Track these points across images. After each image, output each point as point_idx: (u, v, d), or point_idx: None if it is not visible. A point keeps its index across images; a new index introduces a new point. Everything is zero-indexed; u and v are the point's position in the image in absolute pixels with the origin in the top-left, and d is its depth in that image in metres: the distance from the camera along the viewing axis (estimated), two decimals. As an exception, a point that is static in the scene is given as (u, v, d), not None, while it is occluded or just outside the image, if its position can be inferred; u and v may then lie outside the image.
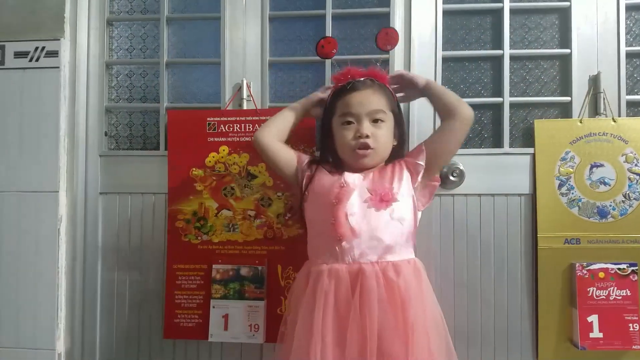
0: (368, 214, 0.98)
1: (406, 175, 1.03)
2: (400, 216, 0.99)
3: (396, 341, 0.92)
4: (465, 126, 1.02)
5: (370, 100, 1.01)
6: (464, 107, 1.01)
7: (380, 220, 0.98)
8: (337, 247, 0.97)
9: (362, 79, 1.04)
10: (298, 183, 1.07)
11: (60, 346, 1.29)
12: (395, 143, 1.07)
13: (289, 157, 1.08)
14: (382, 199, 0.98)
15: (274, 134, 1.09)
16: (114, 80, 1.38)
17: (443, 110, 1.04)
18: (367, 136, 1.00)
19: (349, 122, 1.02)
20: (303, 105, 1.13)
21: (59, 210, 1.29)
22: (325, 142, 1.10)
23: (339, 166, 1.06)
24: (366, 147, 1.00)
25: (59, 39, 1.29)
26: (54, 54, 1.29)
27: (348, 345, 0.91)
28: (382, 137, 1.02)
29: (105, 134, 1.35)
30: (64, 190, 1.31)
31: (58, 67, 1.29)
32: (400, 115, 1.08)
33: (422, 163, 1.03)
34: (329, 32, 1.29)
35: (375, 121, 1.01)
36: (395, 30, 1.14)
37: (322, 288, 0.96)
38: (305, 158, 1.09)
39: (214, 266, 1.24)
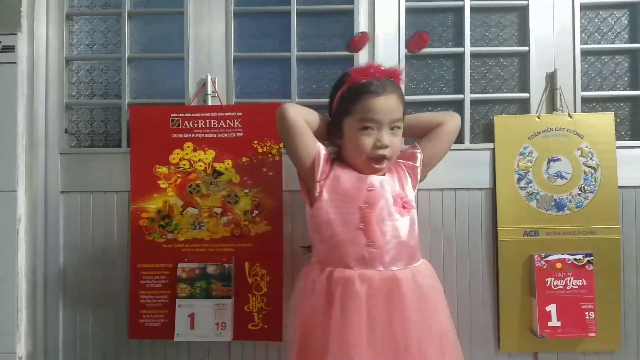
0: (395, 220, 0.97)
1: (408, 179, 1.04)
2: (415, 221, 1.01)
3: (432, 350, 0.93)
4: (456, 127, 1.09)
5: (393, 107, 0.97)
6: (449, 115, 1.09)
7: (404, 226, 0.97)
8: (365, 253, 0.94)
9: (383, 79, 0.98)
10: (312, 177, 0.99)
11: (22, 349, 1.25)
12: None
13: (311, 144, 0.99)
14: (404, 206, 0.98)
15: (303, 115, 0.99)
16: (74, 76, 1.35)
17: (430, 128, 1.07)
18: (387, 146, 0.97)
19: (367, 128, 0.96)
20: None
21: (18, 210, 1.25)
22: (332, 140, 1.04)
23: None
24: (384, 158, 0.97)
25: (15, 34, 1.25)
26: (10, 48, 1.25)
27: (383, 353, 0.91)
28: (397, 145, 1.00)
29: (66, 131, 1.31)
30: (23, 189, 1.26)
31: (15, 63, 1.25)
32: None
33: (419, 165, 1.04)
34: (294, 28, 1.29)
35: (392, 128, 0.98)
36: (428, 34, 1.19)
37: (355, 294, 0.92)
38: (324, 150, 1.01)
39: (179, 265, 1.22)
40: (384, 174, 1.01)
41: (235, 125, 1.25)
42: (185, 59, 1.29)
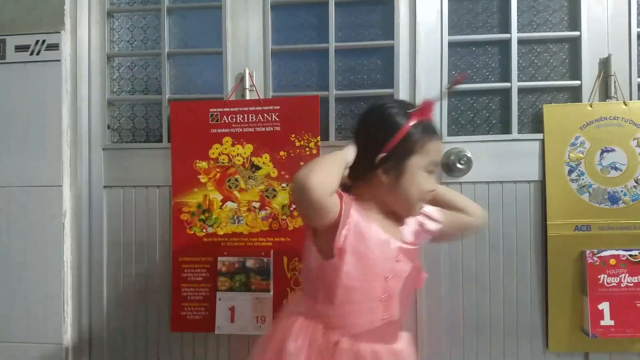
0: (410, 293, 0.93)
1: (419, 234, 0.96)
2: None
3: None
4: (478, 229, 1.04)
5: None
6: (481, 212, 1.02)
7: (412, 298, 0.97)
8: (381, 326, 0.87)
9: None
10: (332, 236, 0.84)
11: (68, 340, 1.29)
12: None
13: (334, 209, 0.82)
14: (420, 279, 0.93)
15: (329, 184, 0.80)
16: (115, 73, 1.37)
17: (457, 210, 1.01)
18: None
19: (430, 172, 0.90)
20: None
21: (64, 205, 1.28)
22: (392, 178, 0.89)
23: (370, 206, 0.91)
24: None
25: (59, 32, 1.28)
26: (54, 47, 1.28)
27: None
28: None
29: (108, 127, 1.34)
30: (68, 184, 1.30)
31: (59, 60, 1.28)
32: None
33: (435, 230, 0.98)
34: (331, 19, 1.27)
35: None
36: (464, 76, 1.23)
37: None
38: (346, 203, 0.85)
39: (219, 258, 1.23)
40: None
41: (273, 119, 1.25)
42: (223, 54, 1.29)
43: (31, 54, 1.28)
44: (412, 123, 0.87)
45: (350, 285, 0.85)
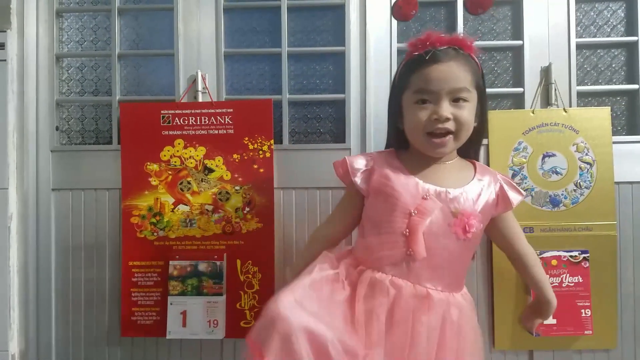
0: (447, 239, 0.87)
1: (492, 201, 0.92)
2: (474, 248, 0.94)
3: None
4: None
5: (454, 75, 0.84)
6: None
7: (457, 249, 0.88)
8: (404, 262, 0.86)
9: (445, 47, 0.86)
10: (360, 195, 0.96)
11: (14, 347, 1.25)
12: (475, 124, 0.91)
13: (357, 211, 0.97)
14: (465, 230, 0.87)
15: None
16: (64, 74, 1.34)
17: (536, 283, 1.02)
18: (447, 119, 0.85)
19: (425, 101, 0.86)
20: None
21: (9, 208, 1.25)
22: (393, 124, 0.96)
23: (409, 158, 0.93)
24: (445, 133, 0.86)
25: (5, 31, 1.25)
26: (0, 46, 1.24)
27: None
28: (464, 120, 0.86)
29: (57, 129, 1.31)
30: (14, 187, 1.26)
31: (5, 60, 1.25)
32: (485, 90, 0.92)
33: (509, 207, 0.95)
34: (284, 24, 1.28)
35: (456, 100, 0.86)
36: None
37: (381, 297, 0.85)
38: (357, 172, 0.94)
39: (170, 262, 1.21)
40: (477, 179, 0.92)
41: (226, 122, 1.24)
42: (175, 56, 1.28)
43: (-25, 53, 1.24)
44: (403, 62, 0.91)
45: (378, 219, 0.90)
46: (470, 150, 0.97)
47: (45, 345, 1.28)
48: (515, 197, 0.95)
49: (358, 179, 0.93)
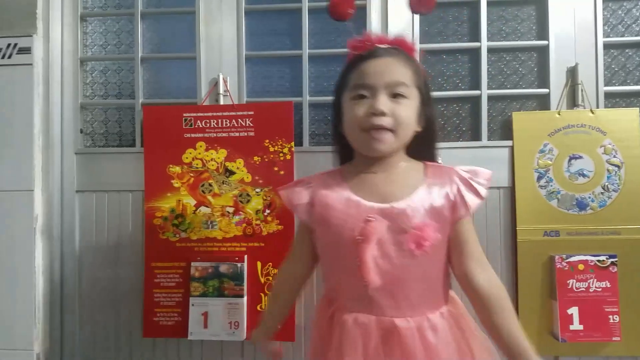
0: (403, 259, 0.77)
1: (449, 205, 0.79)
2: (440, 260, 0.81)
3: None
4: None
5: (390, 69, 0.79)
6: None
7: (418, 267, 0.78)
8: (364, 295, 0.78)
9: (385, 46, 0.83)
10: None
11: (39, 346, 1.27)
12: (419, 129, 0.84)
13: (312, 246, 0.89)
14: (419, 245, 0.76)
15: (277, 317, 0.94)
16: (88, 77, 1.36)
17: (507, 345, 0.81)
18: (384, 113, 0.77)
19: (362, 96, 0.80)
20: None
21: (35, 209, 1.27)
22: (335, 128, 0.89)
23: (352, 172, 0.85)
24: (382, 127, 0.78)
25: (31, 36, 1.27)
26: (26, 50, 1.26)
27: None
28: (403, 116, 0.79)
29: (81, 131, 1.33)
30: (40, 189, 1.28)
31: (31, 64, 1.27)
32: (429, 95, 0.86)
33: (467, 212, 0.80)
34: (305, 26, 1.28)
35: (395, 96, 0.79)
36: None
37: (350, 341, 0.79)
38: (297, 207, 0.86)
39: (192, 264, 1.22)
40: (426, 184, 0.81)
41: (247, 125, 1.25)
42: (197, 59, 1.29)
43: (2, 57, 1.26)
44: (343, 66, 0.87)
45: (329, 252, 0.85)
46: (422, 152, 0.88)
47: (69, 345, 1.30)
48: (472, 200, 0.80)
49: (302, 215, 0.86)
